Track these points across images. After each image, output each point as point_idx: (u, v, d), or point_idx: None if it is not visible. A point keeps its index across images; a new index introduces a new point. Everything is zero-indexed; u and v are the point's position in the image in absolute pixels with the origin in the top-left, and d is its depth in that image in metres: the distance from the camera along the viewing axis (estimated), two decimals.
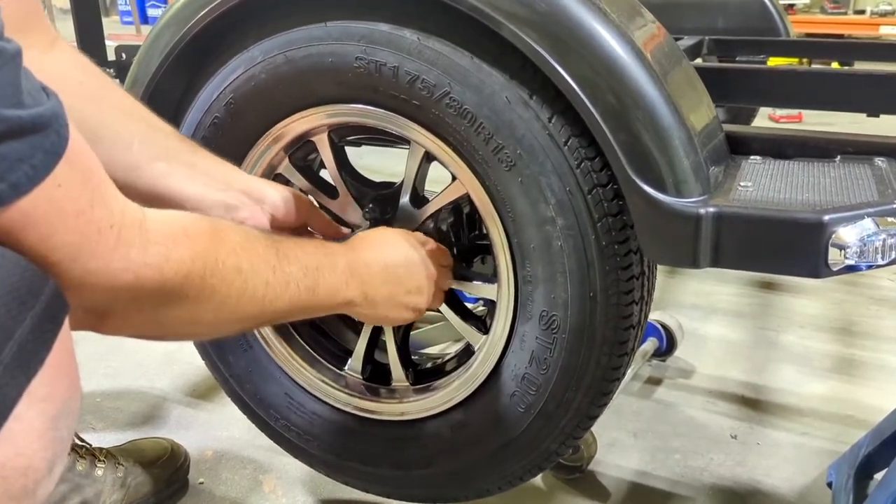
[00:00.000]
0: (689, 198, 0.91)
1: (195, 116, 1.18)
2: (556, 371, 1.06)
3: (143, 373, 1.83)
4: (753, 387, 1.80)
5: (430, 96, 1.01)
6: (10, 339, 0.54)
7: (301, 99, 1.10)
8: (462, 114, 1.00)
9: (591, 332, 1.04)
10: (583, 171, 0.98)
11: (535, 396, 1.09)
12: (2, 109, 0.52)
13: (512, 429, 1.12)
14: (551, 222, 1.00)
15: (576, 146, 0.97)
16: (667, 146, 0.92)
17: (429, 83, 1.00)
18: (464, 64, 0.99)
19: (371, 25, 1.02)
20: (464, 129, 1.00)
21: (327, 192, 1.20)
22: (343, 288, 0.93)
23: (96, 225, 0.60)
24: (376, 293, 0.98)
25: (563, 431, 1.11)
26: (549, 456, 1.15)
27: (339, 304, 0.94)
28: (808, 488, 1.46)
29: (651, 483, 1.47)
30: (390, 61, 1.01)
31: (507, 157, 0.99)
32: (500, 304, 1.09)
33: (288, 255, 0.84)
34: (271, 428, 1.34)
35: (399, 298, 1.01)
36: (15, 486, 0.55)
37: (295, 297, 0.84)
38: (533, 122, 0.97)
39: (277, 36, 1.09)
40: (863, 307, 2.24)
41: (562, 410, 1.09)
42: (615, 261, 1.01)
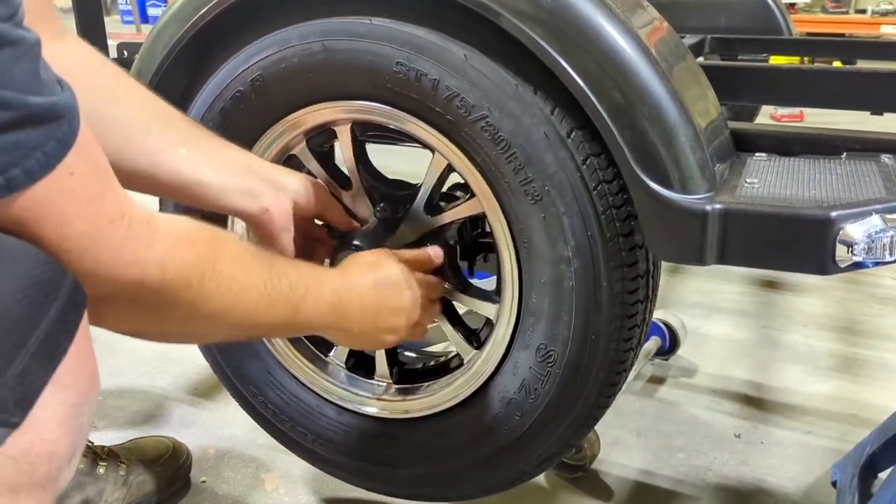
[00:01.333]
0: (695, 194, 0.91)
1: (214, 90, 1.15)
2: (545, 402, 1.08)
3: (144, 372, 1.82)
4: (757, 386, 1.80)
5: (466, 115, 0.99)
6: (37, 328, 0.55)
7: (331, 89, 1.07)
8: (496, 140, 0.98)
9: (587, 372, 1.05)
10: (608, 218, 0.98)
11: (519, 421, 1.10)
12: (22, 96, 0.53)
13: (488, 446, 1.14)
14: (567, 262, 0.99)
15: (605, 192, 0.98)
16: (673, 142, 0.91)
17: (468, 103, 0.98)
18: (507, 90, 0.96)
19: (418, 32, 1.00)
20: (494, 155, 0.99)
21: (340, 181, 1.19)
22: (321, 317, 0.93)
23: (108, 215, 0.61)
24: (353, 326, 0.98)
25: (539, 456, 1.14)
26: (521, 475, 1.18)
27: (317, 328, 0.95)
28: (812, 487, 1.46)
29: (654, 482, 1.47)
30: (432, 73, 0.99)
31: (535, 190, 0.98)
32: (499, 328, 1.10)
33: (280, 274, 0.84)
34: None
35: (372, 335, 1.01)
36: (40, 472, 0.57)
37: (280, 315, 0.84)
38: (567, 161, 0.96)
39: (316, 22, 1.05)
40: (865, 306, 2.23)
41: (543, 437, 1.11)
42: (622, 308, 1.02)
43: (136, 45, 1.87)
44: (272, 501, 1.40)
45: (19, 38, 0.54)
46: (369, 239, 1.13)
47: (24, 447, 0.55)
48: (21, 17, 0.55)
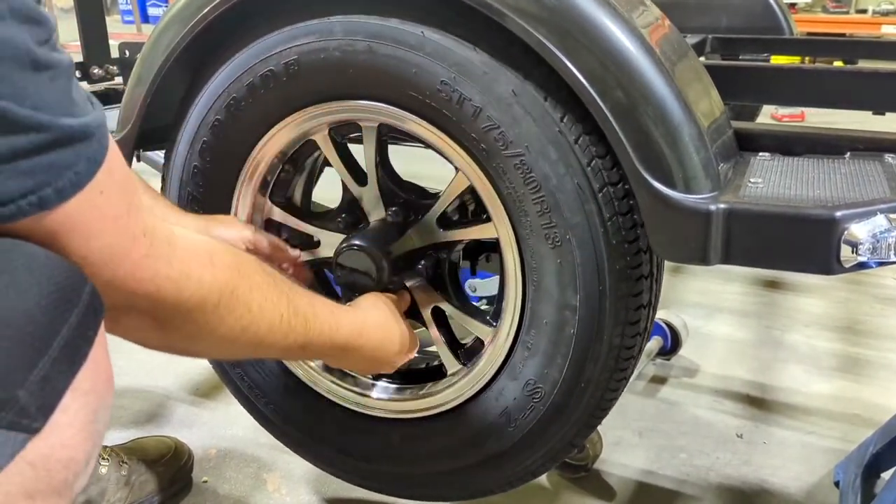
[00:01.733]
0: (699, 194, 0.91)
1: (232, 73, 1.13)
2: (523, 433, 1.10)
3: (146, 372, 1.82)
4: (759, 386, 1.79)
5: (502, 149, 0.98)
6: (58, 334, 0.55)
7: (367, 90, 1.05)
8: (527, 179, 0.97)
9: (569, 413, 1.07)
10: (621, 276, 0.99)
11: (495, 443, 1.12)
12: (57, 118, 0.55)
13: (461, 459, 1.16)
14: (573, 310, 1.00)
15: (624, 251, 0.99)
16: (677, 142, 0.91)
17: (506, 138, 0.97)
18: (547, 135, 0.95)
19: (469, 53, 0.97)
20: (522, 193, 0.98)
21: (357, 176, 1.18)
22: (327, 356, 1.01)
23: (131, 231, 0.63)
24: (353, 365, 1.07)
25: (507, 479, 1.18)
26: (489, 490, 1.22)
27: (318, 359, 1.08)
28: (815, 487, 1.45)
29: (657, 482, 1.46)
30: (476, 100, 0.97)
31: (556, 235, 0.98)
32: (489, 353, 1.10)
33: (297, 310, 0.86)
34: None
35: (368, 369, 1.12)
36: (57, 478, 0.57)
37: (287, 347, 0.86)
38: (594, 216, 0.97)
39: (364, 20, 1.02)
40: (867, 306, 2.23)
41: (513, 462, 1.14)
42: (616, 362, 1.04)
43: (137, 44, 1.87)
44: (274, 501, 1.40)
45: (55, 62, 0.56)
46: (373, 239, 1.13)
47: (44, 453, 0.55)
48: (55, 40, 0.57)
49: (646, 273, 1.01)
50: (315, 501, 1.40)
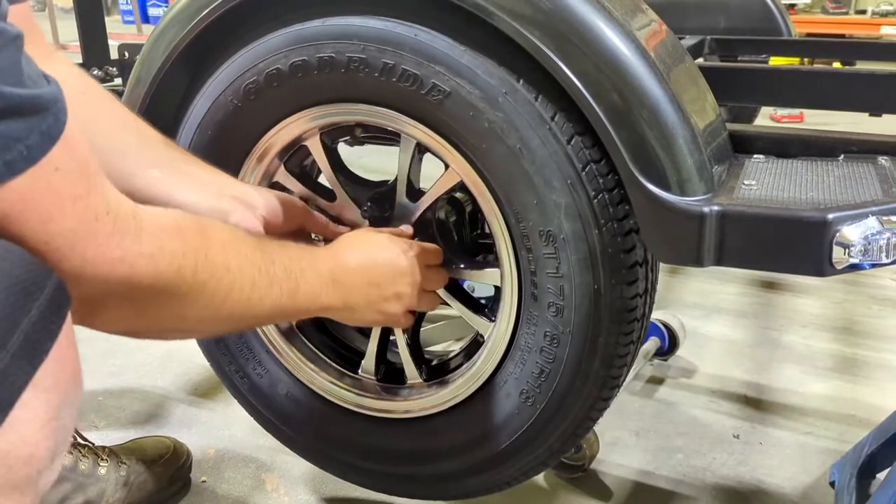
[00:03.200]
0: (692, 196, 0.91)
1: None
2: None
3: (145, 372, 1.83)
4: (756, 386, 1.80)
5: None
6: (17, 328, 0.54)
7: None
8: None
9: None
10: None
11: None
12: (3, 87, 0.52)
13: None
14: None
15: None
16: (671, 145, 0.92)
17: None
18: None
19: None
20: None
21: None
22: (323, 294, 0.92)
23: (93, 211, 0.60)
24: (356, 300, 0.98)
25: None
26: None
27: (317, 309, 0.94)
28: (811, 488, 1.46)
29: (653, 482, 1.47)
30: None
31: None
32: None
33: (273, 257, 0.83)
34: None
35: (377, 305, 1.01)
36: (19, 474, 0.56)
37: (277, 300, 0.83)
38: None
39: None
40: (864, 307, 2.24)
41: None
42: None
43: (136, 46, 1.88)
44: (273, 501, 1.41)
45: (1, 30, 0.54)
46: None
47: (2, 448, 0.55)
48: (3, 12, 0.55)
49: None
50: (313, 501, 1.40)
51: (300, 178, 1.22)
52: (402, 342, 1.20)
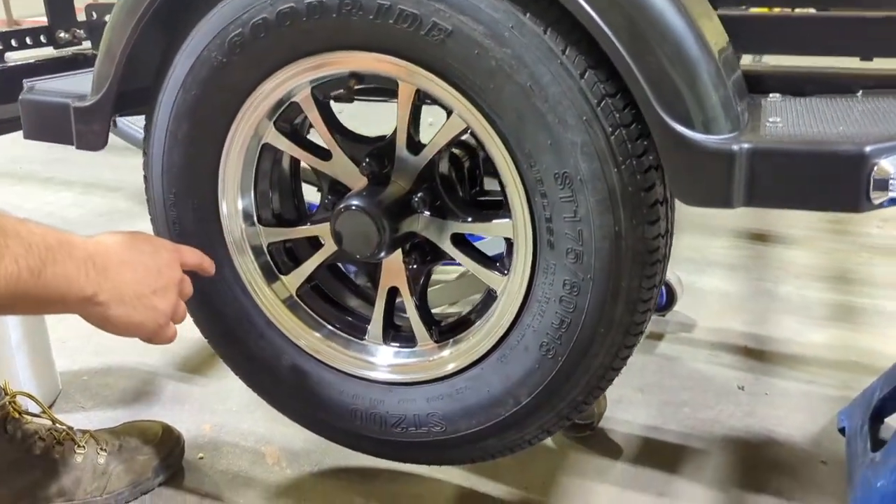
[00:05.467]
0: (719, 135, 0.87)
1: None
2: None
3: (132, 349, 1.75)
4: (755, 337, 1.78)
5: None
6: None
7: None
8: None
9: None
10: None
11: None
12: None
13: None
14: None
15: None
16: (695, 80, 0.87)
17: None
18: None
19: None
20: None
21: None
22: (82, 279, 0.82)
23: None
24: (123, 291, 0.87)
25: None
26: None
27: (77, 298, 0.82)
28: (820, 436, 1.45)
29: (663, 437, 1.45)
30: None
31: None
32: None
33: (5, 227, 0.74)
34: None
35: (147, 299, 0.91)
36: None
37: (13, 277, 0.73)
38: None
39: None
40: (854, 255, 2.23)
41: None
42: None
43: (105, 5, 1.78)
44: (275, 475, 1.36)
45: None
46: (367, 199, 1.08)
47: None
48: None
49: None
50: (317, 473, 1.36)
51: (292, 137, 1.16)
52: (411, 304, 1.15)
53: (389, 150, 1.10)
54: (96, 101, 1.14)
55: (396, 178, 1.11)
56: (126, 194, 2.86)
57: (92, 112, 1.15)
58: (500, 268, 1.10)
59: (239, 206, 1.19)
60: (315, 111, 1.10)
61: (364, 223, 1.07)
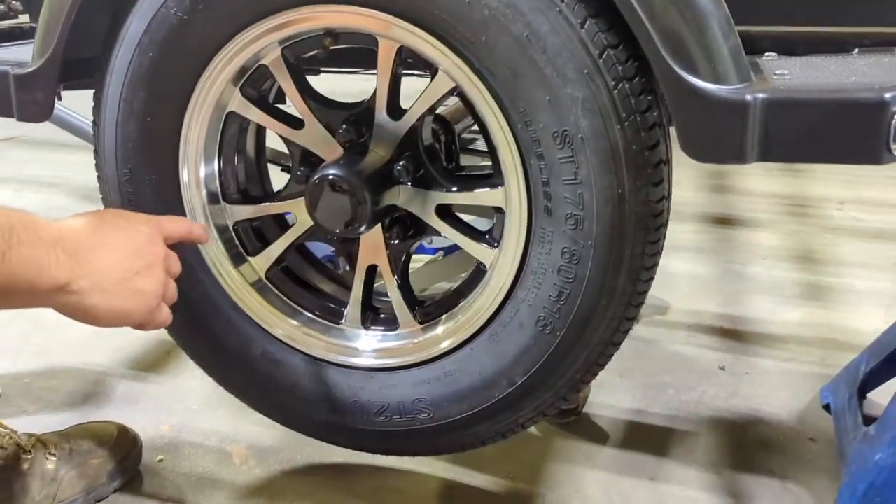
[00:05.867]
0: (730, 85, 0.82)
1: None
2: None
3: (76, 348, 1.63)
4: (731, 318, 1.76)
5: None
6: None
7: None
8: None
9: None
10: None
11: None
12: None
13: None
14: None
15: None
16: (706, 28, 0.82)
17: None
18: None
19: None
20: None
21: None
22: (52, 264, 0.72)
23: None
24: (102, 277, 0.77)
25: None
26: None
27: (48, 287, 0.72)
28: (805, 413, 1.42)
29: (648, 420, 1.40)
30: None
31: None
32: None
33: None
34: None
35: (131, 282, 0.80)
36: None
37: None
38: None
39: None
40: (818, 236, 2.23)
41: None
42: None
43: None
44: (243, 476, 1.26)
45: None
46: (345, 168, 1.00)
47: None
48: None
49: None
50: (290, 471, 1.26)
51: (259, 104, 1.07)
52: (393, 283, 1.07)
53: (368, 115, 1.02)
54: (39, 67, 1.04)
55: (375, 146, 1.03)
56: (64, 190, 2.70)
57: (34, 79, 1.04)
58: (489, 240, 1.03)
59: (202, 182, 1.09)
60: (286, 75, 1.02)
61: (343, 195, 0.98)
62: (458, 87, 0.95)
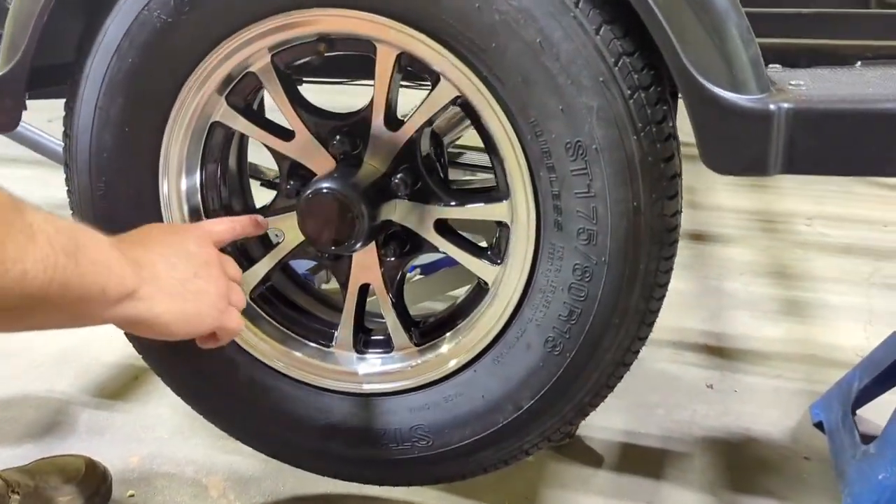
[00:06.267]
0: (751, 95, 0.79)
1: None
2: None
3: (36, 375, 1.53)
4: (713, 335, 1.74)
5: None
6: None
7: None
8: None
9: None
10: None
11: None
12: None
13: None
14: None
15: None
16: (725, 35, 0.79)
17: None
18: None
19: None
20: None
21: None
22: (119, 267, 0.65)
23: None
24: (164, 279, 0.71)
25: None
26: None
27: (117, 293, 0.64)
28: (797, 431, 1.40)
29: (642, 442, 1.36)
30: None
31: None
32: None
33: (19, 205, 0.56)
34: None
35: (193, 283, 0.74)
36: None
37: (51, 263, 0.56)
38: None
39: None
40: (789, 252, 2.24)
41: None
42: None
43: None
44: None
45: None
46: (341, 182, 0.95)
47: None
48: None
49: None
50: (272, 503, 1.19)
51: (246, 114, 1.01)
52: (388, 303, 1.02)
53: (363, 126, 0.97)
54: (6, 73, 0.96)
55: (370, 158, 0.98)
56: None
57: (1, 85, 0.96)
58: (491, 256, 0.98)
59: (183, 196, 1.02)
60: (276, 83, 0.96)
61: (339, 210, 0.93)
62: (461, 97, 0.90)
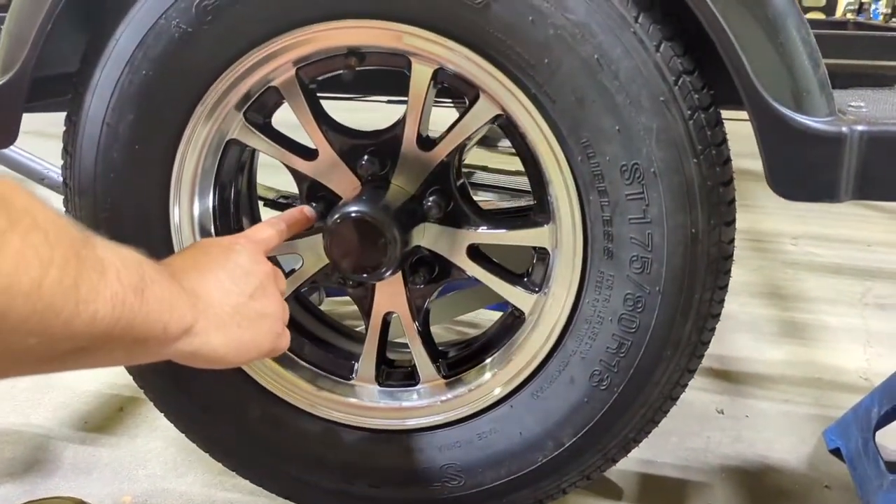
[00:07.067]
0: (821, 117, 0.75)
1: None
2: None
3: (11, 407, 1.42)
4: (718, 358, 1.71)
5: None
6: None
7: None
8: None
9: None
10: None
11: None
12: None
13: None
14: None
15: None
16: (795, 55, 0.75)
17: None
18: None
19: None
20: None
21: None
22: (178, 302, 0.60)
23: None
24: (219, 308, 0.67)
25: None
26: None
27: (176, 331, 0.60)
28: (813, 458, 1.37)
29: (659, 471, 1.32)
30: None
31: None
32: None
33: (96, 240, 0.52)
34: None
35: (249, 308, 0.70)
36: None
37: (119, 300, 0.51)
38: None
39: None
40: (780, 272, 2.24)
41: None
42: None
43: None
44: None
45: None
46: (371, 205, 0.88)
47: None
48: None
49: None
50: None
51: (265, 132, 0.94)
52: (414, 332, 0.95)
53: (393, 146, 0.91)
54: (5, 83, 0.88)
55: (398, 179, 0.92)
56: None
57: None
58: (529, 284, 0.93)
59: (195, 218, 0.95)
60: (300, 98, 0.90)
61: (371, 234, 0.86)
62: (502, 115, 0.85)
